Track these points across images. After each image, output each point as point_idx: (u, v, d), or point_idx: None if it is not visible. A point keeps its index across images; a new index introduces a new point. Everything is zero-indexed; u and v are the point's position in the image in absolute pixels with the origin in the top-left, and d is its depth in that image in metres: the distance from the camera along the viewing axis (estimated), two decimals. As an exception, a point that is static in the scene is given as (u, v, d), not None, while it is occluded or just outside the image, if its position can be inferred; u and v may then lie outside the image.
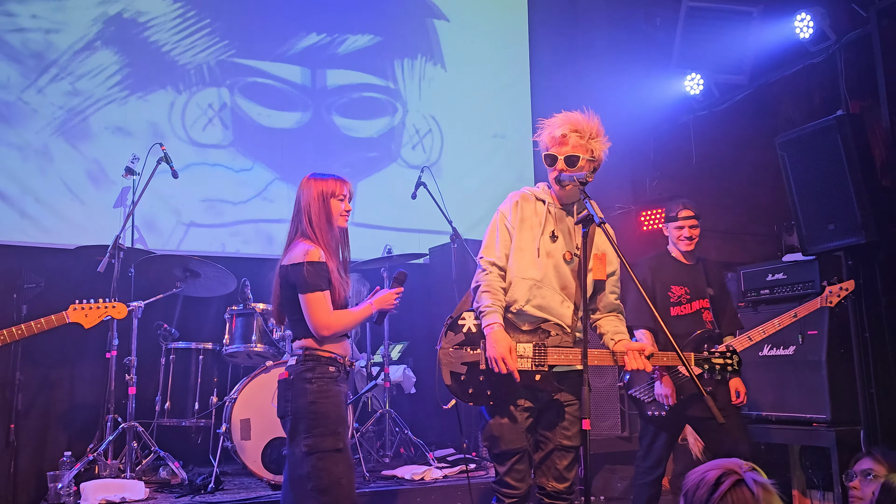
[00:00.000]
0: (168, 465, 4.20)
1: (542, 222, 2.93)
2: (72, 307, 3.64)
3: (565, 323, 2.88)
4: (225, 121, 5.64)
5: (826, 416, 4.52)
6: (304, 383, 2.79)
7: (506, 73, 6.64)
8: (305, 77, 5.94)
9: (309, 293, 2.80)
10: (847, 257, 4.62)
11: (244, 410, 4.09)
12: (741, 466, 1.76)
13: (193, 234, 5.45)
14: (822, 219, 4.58)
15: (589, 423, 2.49)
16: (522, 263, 2.91)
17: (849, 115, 4.59)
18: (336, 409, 2.82)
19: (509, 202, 3.02)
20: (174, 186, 5.02)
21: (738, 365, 2.91)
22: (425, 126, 6.29)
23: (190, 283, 4.65)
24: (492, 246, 2.97)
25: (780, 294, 4.97)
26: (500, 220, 2.99)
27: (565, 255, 2.91)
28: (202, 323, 5.17)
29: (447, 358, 2.90)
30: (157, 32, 5.52)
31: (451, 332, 2.93)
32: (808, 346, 4.70)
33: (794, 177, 4.74)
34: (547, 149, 2.92)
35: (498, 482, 2.92)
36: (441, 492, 4.02)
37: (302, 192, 2.97)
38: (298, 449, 2.76)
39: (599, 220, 2.59)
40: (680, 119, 6.50)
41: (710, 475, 1.75)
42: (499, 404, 2.86)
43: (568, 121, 2.91)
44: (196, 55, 5.61)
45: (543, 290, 2.88)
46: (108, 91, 5.32)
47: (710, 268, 4.17)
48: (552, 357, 2.82)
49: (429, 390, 5.32)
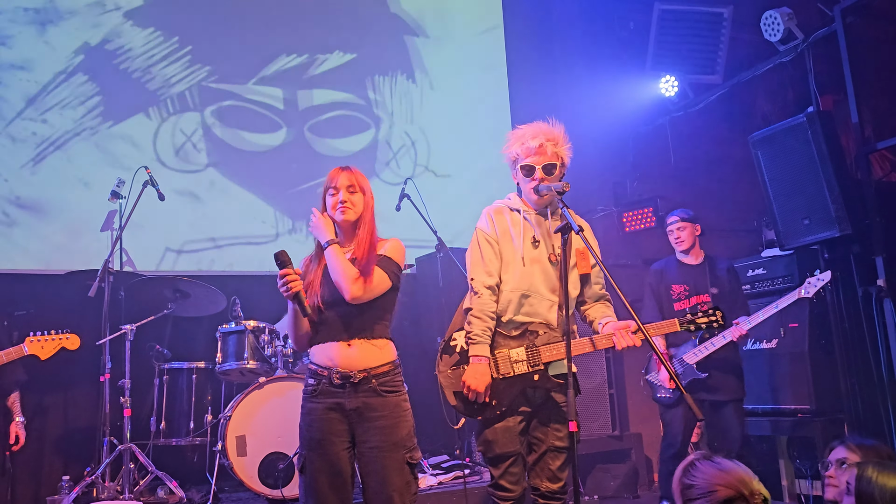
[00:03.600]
0: (166, 485, 4.23)
1: (522, 231, 3.00)
2: (28, 339, 3.74)
3: (551, 322, 2.97)
4: (199, 146, 5.68)
5: (810, 407, 4.64)
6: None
7: (484, 84, 6.71)
8: (281, 99, 5.99)
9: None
10: (823, 250, 4.74)
11: (239, 427, 4.13)
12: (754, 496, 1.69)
13: (179, 257, 5.49)
14: (798, 214, 4.70)
15: (576, 425, 2.56)
16: (508, 276, 2.98)
17: (818, 111, 4.72)
18: (306, 428, 2.68)
19: (484, 217, 3.08)
20: (158, 210, 5.06)
21: (723, 319, 2.97)
22: (402, 141, 6.37)
23: (180, 303, 4.70)
24: (478, 264, 3.01)
25: (761, 289, 5.09)
26: (480, 237, 3.04)
27: (550, 257, 2.98)
28: (194, 342, 5.20)
29: (448, 380, 2.98)
30: (133, 60, 5.56)
31: (445, 356, 3.02)
32: (790, 338, 4.81)
33: (769, 174, 4.86)
34: (520, 159, 3.00)
35: (493, 486, 2.98)
36: (437, 498, 4.07)
37: None
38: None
39: (578, 229, 2.67)
40: (657, 121, 6.61)
41: (720, 493, 1.69)
42: (502, 411, 2.93)
43: (540, 130, 3.00)
44: (172, 81, 5.65)
45: (532, 299, 2.96)
46: (86, 119, 5.36)
47: (717, 267, 4.46)
48: (545, 355, 2.91)
49: (421, 399, 5.36)
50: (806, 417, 4.67)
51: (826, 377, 4.68)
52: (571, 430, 2.56)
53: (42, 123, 5.24)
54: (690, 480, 1.74)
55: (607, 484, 5.53)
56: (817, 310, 4.77)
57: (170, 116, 5.63)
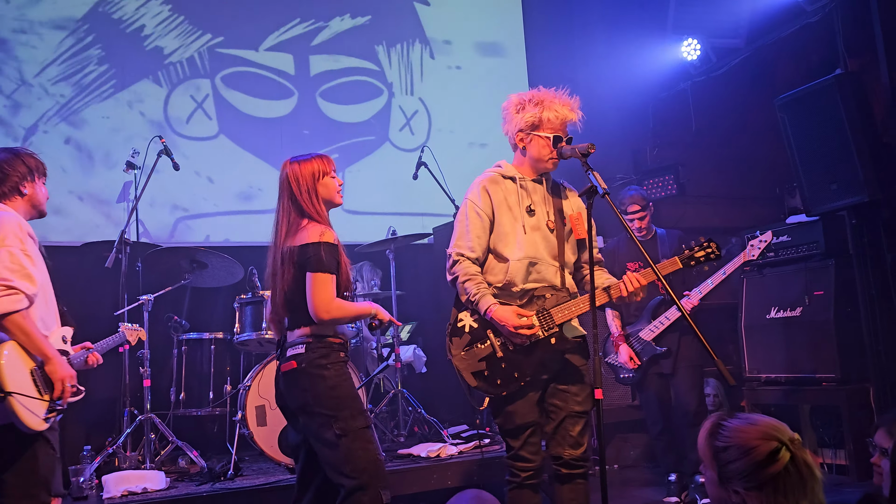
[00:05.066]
0: (186, 455, 4.26)
1: (519, 200, 2.95)
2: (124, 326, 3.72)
3: (556, 284, 2.94)
4: (210, 112, 5.63)
5: (836, 375, 4.56)
6: (321, 370, 2.71)
7: (501, 49, 6.59)
8: (291, 64, 5.91)
9: (319, 272, 2.70)
10: (851, 216, 4.63)
11: (258, 397, 4.14)
12: (794, 441, 1.62)
13: (193, 226, 5.48)
14: (825, 179, 4.58)
15: (601, 393, 2.51)
16: (513, 246, 2.92)
17: (848, 73, 4.58)
18: (354, 389, 2.82)
19: (476, 188, 2.99)
20: (173, 180, 5.02)
21: (719, 249, 2.99)
22: (416, 107, 6.27)
23: (197, 274, 4.68)
24: (462, 236, 2.95)
25: (785, 256, 4.98)
26: (469, 209, 2.96)
27: (548, 223, 2.96)
28: (212, 313, 5.21)
29: (463, 363, 2.90)
30: (141, 26, 5.50)
31: (455, 339, 2.94)
32: (814, 306, 4.72)
33: (795, 138, 4.74)
34: (543, 126, 2.91)
35: (512, 457, 2.93)
36: (457, 467, 4.06)
37: (290, 176, 2.85)
38: (328, 434, 2.67)
39: (603, 191, 2.59)
40: (678, 86, 6.46)
41: (762, 447, 1.61)
42: (526, 382, 2.87)
43: (560, 97, 2.94)
44: (181, 47, 5.59)
45: (539, 266, 2.92)
46: (94, 87, 5.32)
47: (666, 240, 4.45)
48: (557, 316, 2.87)
49: (439, 369, 5.36)
50: (831, 386, 4.59)
51: (851, 345, 4.59)
52: (597, 398, 2.50)
53: (49, 91, 5.21)
54: (724, 442, 1.65)
55: (627, 453, 5.53)
56: (843, 277, 4.67)
57: (180, 83, 5.58)
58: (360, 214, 5.81)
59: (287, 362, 2.78)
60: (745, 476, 1.61)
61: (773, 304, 4.92)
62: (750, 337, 5.08)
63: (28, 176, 2.80)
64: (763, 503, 1.59)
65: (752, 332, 5.07)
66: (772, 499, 1.58)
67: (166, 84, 5.55)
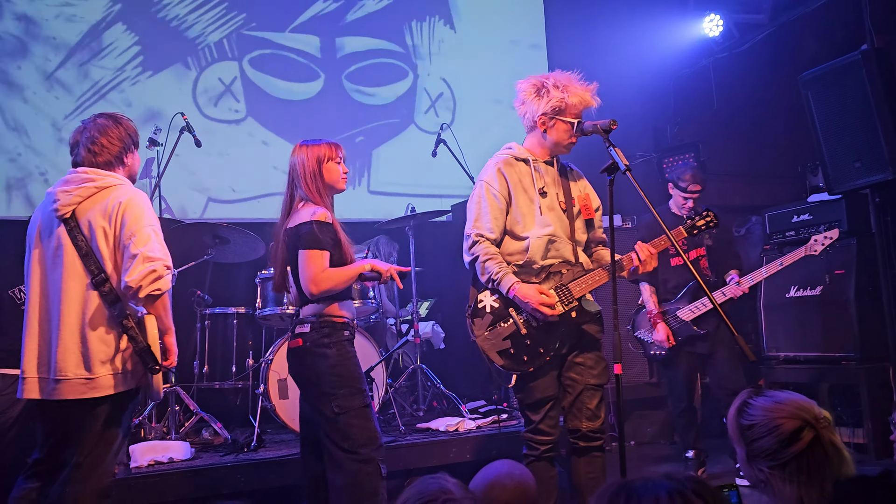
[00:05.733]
0: (210, 426, 4.34)
1: (533, 181, 3.00)
2: None
3: (571, 260, 3.00)
4: (238, 95, 5.67)
5: (855, 354, 4.54)
6: (323, 349, 2.81)
7: (520, 28, 6.54)
8: (317, 46, 5.92)
9: (309, 249, 2.78)
10: (874, 195, 4.58)
11: (280, 371, 4.20)
12: (819, 420, 1.61)
13: (217, 205, 5.54)
14: (848, 157, 4.53)
15: (620, 367, 2.54)
16: (531, 225, 2.96)
17: (874, 49, 4.51)
18: (357, 368, 2.89)
19: (492, 170, 3.02)
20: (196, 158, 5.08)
21: (716, 217, 3.15)
22: (439, 88, 6.26)
23: (220, 249, 4.73)
24: (480, 217, 2.98)
25: (806, 235, 4.93)
26: (485, 191, 2.99)
27: (560, 204, 3.01)
28: (234, 288, 5.27)
29: (487, 343, 2.93)
30: (170, 9, 5.53)
31: (477, 320, 2.97)
32: (835, 285, 4.70)
33: (819, 115, 4.68)
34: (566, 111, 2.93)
35: (532, 430, 2.97)
36: (475, 441, 4.11)
37: (297, 159, 2.95)
38: (327, 411, 2.78)
39: (625, 168, 2.60)
40: (700, 62, 6.39)
41: (786, 425, 1.60)
42: (551, 356, 2.91)
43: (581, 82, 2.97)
44: (209, 30, 5.62)
45: (557, 243, 2.97)
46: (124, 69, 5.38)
47: None
48: (575, 290, 2.93)
49: (458, 345, 5.41)
50: (850, 365, 4.58)
51: (872, 324, 4.56)
52: (616, 373, 2.53)
53: (83, 75, 5.27)
54: (749, 420, 1.66)
55: (644, 430, 5.56)
56: (865, 256, 4.64)
57: (208, 66, 5.62)
58: (383, 195, 5.86)
59: (294, 339, 2.89)
60: (769, 454, 1.61)
61: (792, 283, 4.90)
62: (769, 315, 5.07)
63: (132, 145, 2.84)
64: (786, 482, 1.58)
65: (771, 310, 5.06)
66: (794, 478, 1.57)
67: (195, 67, 5.59)
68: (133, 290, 2.55)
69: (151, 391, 2.70)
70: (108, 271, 2.62)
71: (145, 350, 2.64)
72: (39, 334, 2.65)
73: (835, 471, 1.59)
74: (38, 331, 2.65)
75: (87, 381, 2.56)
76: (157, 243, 2.64)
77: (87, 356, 2.57)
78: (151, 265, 2.57)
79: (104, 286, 2.61)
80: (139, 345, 2.63)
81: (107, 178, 2.70)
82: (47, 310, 2.65)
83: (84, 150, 2.73)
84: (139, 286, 2.54)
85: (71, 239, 2.63)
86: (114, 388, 2.60)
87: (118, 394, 2.62)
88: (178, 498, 3.55)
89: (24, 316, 2.71)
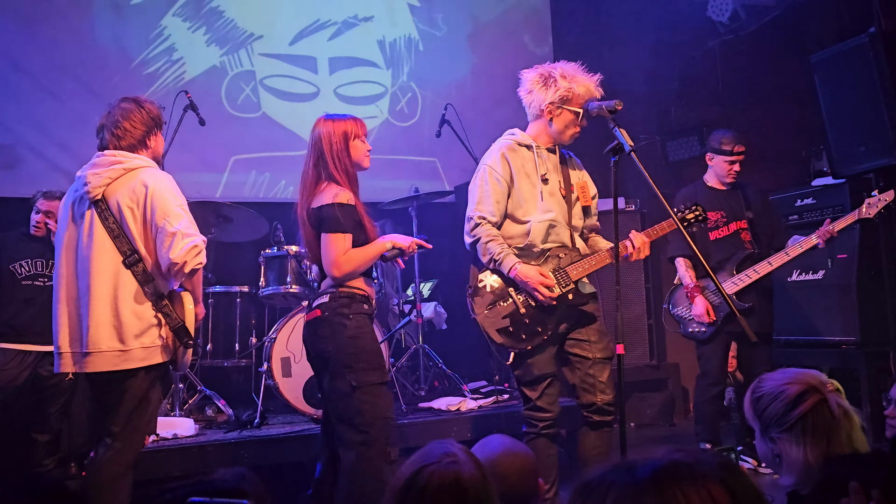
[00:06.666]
0: (214, 404, 4.38)
1: (536, 167, 3.04)
2: None
3: (569, 244, 3.07)
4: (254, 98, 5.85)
5: (856, 339, 4.56)
6: (343, 318, 2.74)
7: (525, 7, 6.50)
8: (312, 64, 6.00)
9: (331, 233, 2.75)
10: (878, 179, 4.57)
11: (284, 349, 4.22)
12: (825, 385, 1.63)
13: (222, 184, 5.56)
14: (853, 140, 4.52)
15: (623, 348, 2.56)
16: (533, 210, 3.01)
17: (882, 32, 4.47)
18: (375, 343, 2.83)
19: (496, 155, 3.06)
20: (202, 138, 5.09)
21: (705, 212, 3.19)
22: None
23: (223, 227, 4.74)
24: (483, 201, 3.02)
25: (810, 219, 4.94)
26: (488, 175, 3.03)
27: (561, 190, 3.07)
28: (237, 267, 5.27)
29: (487, 321, 2.99)
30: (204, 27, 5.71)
31: (477, 299, 3.03)
32: (837, 269, 4.70)
33: (825, 99, 4.67)
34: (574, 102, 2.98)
35: (531, 408, 3.02)
36: (476, 421, 4.15)
37: (322, 134, 2.86)
38: (342, 384, 2.70)
39: (630, 148, 2.61)
40: (705, 44, 6.34)
41: (790, 389, 1.62)
42: (549, 335, 2.95)
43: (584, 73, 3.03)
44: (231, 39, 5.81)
45: (557, 228, 3.03)
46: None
47: (748, 192, 4.24)
48: (573, 273, 3.00)
49: (460, 326, 5.42)
50: (851, 349, 4.60)
51: (873, 309, 4.58)
52: (619, 353, 2.55)
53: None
54: (758, 393, 1.69)
55: (644, 412, 5.60)
56: (867, 241, 4.64)
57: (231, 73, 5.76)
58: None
59: (312, 311, 2.85)
60: (777, 420, 1.63)
61: (795, 267, 4.90)
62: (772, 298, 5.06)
63: (155, 128, 2.87)
64: (793, 444, 1.60)
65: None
66: (800, 439, 1.59)
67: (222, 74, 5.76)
68: (179, 266, 2.62)
69: (180, 363, 2.80)
70: (141, 253, 2.69)
71: (181, 327, 2.73)
72: (70, 311, 2.71)
73: (843, 436, 1.60)
74: (67, 309, 2.72)
75: (120, 353, 2.65)
76: (189, 221, 2.70)
77: (121, 329, 2.65)
78: (192, 240, 2.64)
79: (137, 266, 2.68)
80: (174, 322, 2.72)
81: (133, 160, 2.76)
82: (76, 287, 2.71)
83: (108, 134, 2.78)
84: (184, 261, 2.61)
85: (101, 220, 2.69)
86: (147, 361, 2.68)
87: (150, 366, 2.69)
88: (183, 473, 3.58)
89: (52, 293, 2.78)
